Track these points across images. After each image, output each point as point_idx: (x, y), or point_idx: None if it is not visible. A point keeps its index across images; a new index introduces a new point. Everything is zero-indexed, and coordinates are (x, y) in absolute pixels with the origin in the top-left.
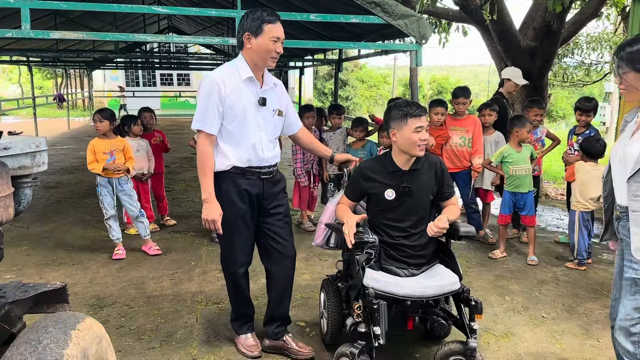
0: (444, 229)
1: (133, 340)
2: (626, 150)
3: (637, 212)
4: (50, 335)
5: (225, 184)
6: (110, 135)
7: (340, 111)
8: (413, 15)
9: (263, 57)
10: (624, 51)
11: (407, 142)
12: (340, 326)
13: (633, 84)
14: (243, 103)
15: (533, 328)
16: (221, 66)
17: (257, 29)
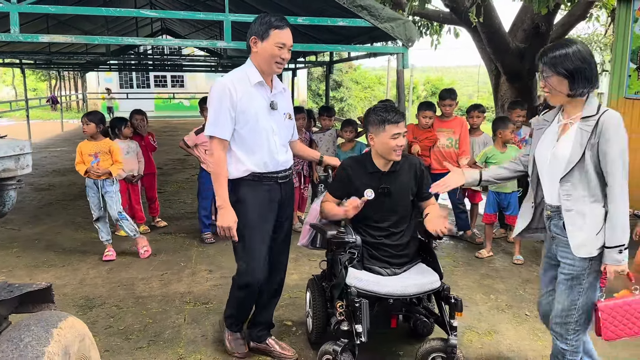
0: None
1: (121, 340)
2: (556, 152)
3: (571, 211)
4: (32, 333)
5: (243, 190)
6: (97, 137)
7: (331, 113)
8: (399, 19)
9: (268, 62)
10: (547, 56)
11: (384, 147)
12: (325, 325)
13: (556, 87)
14: (255, 108)
15: (516, 326)
16: (231, 72)
17: (264, 33)
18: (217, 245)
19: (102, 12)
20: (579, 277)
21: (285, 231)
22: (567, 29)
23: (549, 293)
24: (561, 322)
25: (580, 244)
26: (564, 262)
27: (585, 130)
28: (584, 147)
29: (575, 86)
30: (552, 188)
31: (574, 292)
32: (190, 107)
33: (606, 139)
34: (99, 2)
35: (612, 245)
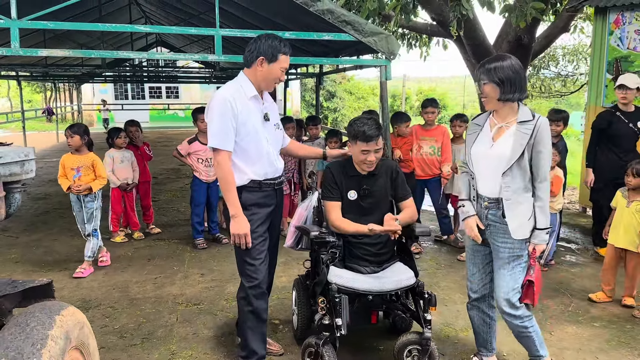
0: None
1: (116, 338)
2: (496, 150)
3: (509, 200)
4: (37, 318)
5: (245, 197)
6: (81, 150)
7: (316, 122)
8: (382, 33)
9: (268, 82)
10: (484, 67)
11: (356, 158)
12: (310, 321)
13: (490, 94)
14: (253, 120)
15: None
16: (226, 86)
17: (273, 56)
18: (209, 250)
19: (98, 28)
20: (521, 257)
21: (276, 234)
22: (550, 41)
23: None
24: (509, 303)
25: (517, 227)
26: (504, 247)
27: (524, 132)
28: (524, 146)
29: (505, 92)
30: (493, 182)
31: (516, 270)
32: (185, 118)
33: (541, 140)
34: (95, 17)
35: (543, 227)
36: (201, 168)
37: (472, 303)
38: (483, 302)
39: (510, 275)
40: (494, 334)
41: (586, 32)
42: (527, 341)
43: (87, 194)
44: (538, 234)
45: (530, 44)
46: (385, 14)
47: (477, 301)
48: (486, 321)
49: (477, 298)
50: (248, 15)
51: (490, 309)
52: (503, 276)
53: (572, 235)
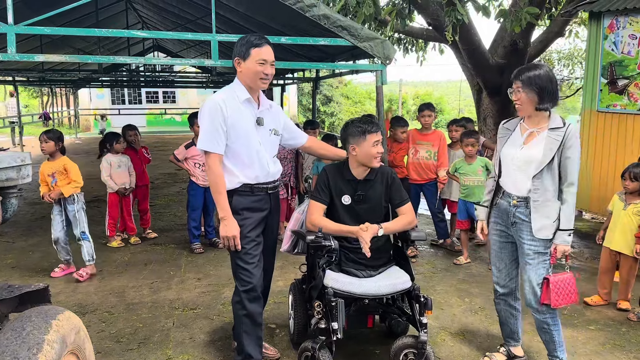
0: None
1: (112, 342)
2: (526, 154)
3: (537, 201)
4: (33, 323)
5: (236, 201)
6: (55, 156)
7: (314, 126)
8: (377, 38)
9: (253, 79)
10: (523, 74)
11: (367, 155)
12: (306, 325)
13: (527, 102)
14: (244, 123)
15: (487, 327)
16: (220, 91)
17: (245, 53)
18: (205, 255)
19: (95, 33)
20: (543, 255)
21: (273, 238)
22: (545, 45)
23: (509, 269)
24: (535, 294)
25: (540, 228)
26: (528, 244)
27: (555, 139)
28: (554, 152)
29: (542, 101)
30: (521, 182)
31: (540, 268)
32: (181, 123)
33: (570, 146)
34: (92, 22)
35: (566, 228)
36: (198, 173)
37: (499, 298)
38: (510, 295)
39: (535, 270)
40: (519, 324)
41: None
42: (547, 337)
43: (67, 197)
44: (560, 235)
45: (525, 49)
46: (381, 19)
47: (504, 295)
48: (513, 313)
49: (504, 292)
50: (244, 20)
51: (516, 301)
52: (529, 271)
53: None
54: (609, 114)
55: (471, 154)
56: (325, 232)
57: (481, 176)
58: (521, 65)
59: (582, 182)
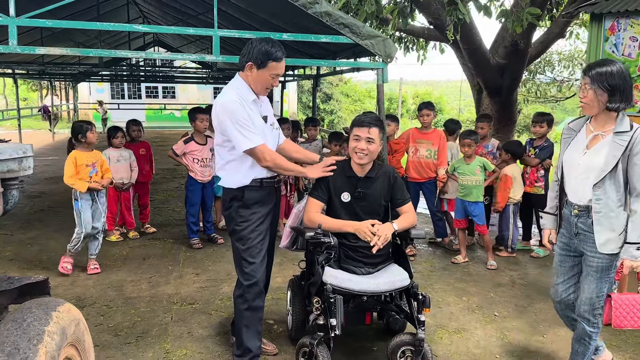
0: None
1: (111, 336)
2: (588, 160)
3: (599, 213)
4: (34, 314)
5: (247, 195)
6: (92, 147)
7: (316, 123)
8: (379, 36)
9: (259, 87)
10: (593, 71)
11: (349, 148)
12: (304, 321)
13: (595, 100)
14: (255, 122)
15: (484, 325)
16: (227, 91)
17: (262, 63)
18: (204, 250)
19: (97, 26)
20: (607, 270)
21: (273, 233)
22: (546, 46)
23: (567, 281)
24: (590, 309)
25: (605, 242)
26: (592, 256)
27: (619, 143)
28: (618, 158)
29: (613, 100)
30: (582, 190)
31: (602, 282)
32: (181, 118)
33: (638, 152)
34: (93, 15)
35: (633, 241)
36: (196, 168)
37: (556, 307)
38: (567, 308)
39: (597, 285)
40: None
41: (582, 38)
42: (581, 349)
43: (99, 190)
44: (627, 249)
45: (526, 49)
46: (383, 17)
47: (559, 304)
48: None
49: (559, 301)
50: (246, 16)
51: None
52: (590, 284)
53: None
54: None
55: (469, 154)
56: (325, 228)
57: (479, 176)
58: (521, 66)
59: None
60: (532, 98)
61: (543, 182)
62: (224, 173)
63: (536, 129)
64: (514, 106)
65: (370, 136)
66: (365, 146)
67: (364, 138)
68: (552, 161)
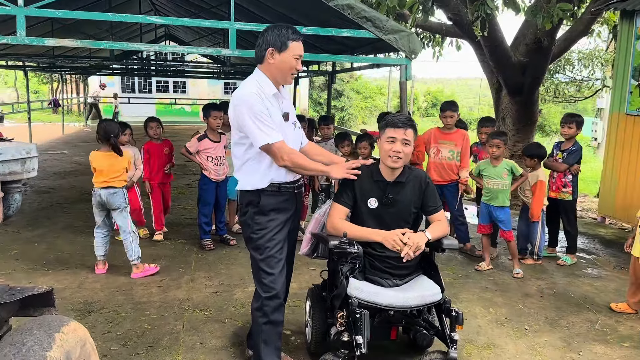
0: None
1: (119, 345)
2: None
3: None
4: (35, 337)
5: (264, 201)
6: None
7: (328, 121)
8: (403, 31)
9: (284, 74)
10: None
11: (381, 150)
12: (325, 335)
13: None
14: (275, 119)
15: (515, 340)
16: (245, 85)
17: (282, 45)
18: (216, 252)
19: (108, 18)
20: None
21: (293, 240)
22: (569, 44)
23: None
24: None
25: None
26: None
27: None
28: None
29: None
30: None
31: None
32: (191, 113)
33: None
34: (105, 7)
35: None
36: (210, 166)
37: None
38: None
39: None
40: None
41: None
42: None
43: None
44: None
45: (550, 47)
46: (400, 13)
47: None
48: None
49: None
50: (263, 10)
51: None
52: None
53: (591, 247)
54: (639, 118)
55: (496, 156)
56: (350, 237)
57: (506, 180)
58: (544, 64)
59: (607, 188)
60: (549, 97)
61: (571, 187)
62: (240, 175)
63: (565, 130)
64: (534, 106)
65: (406, 138)
66: (401, 148)
67: (399, 140)
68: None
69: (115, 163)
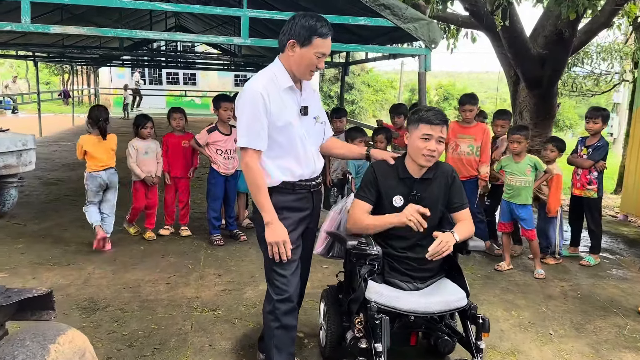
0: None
1: (125, 347)
2: None
3: None
4: (27, 349)
5: (275, 200)
6: None
7: (340, 114)
8: (423, 19)
9: (302, 70)
10: None
11: (413, 147)
12: (340, 339)
13: None
14: (287, 115)
15: (540, 346)
16: (258, 75)
17: (306, 39)
18: (226, 248)
19: (117, 4)
20: None
21: (311, 239)
22: (590, 36)
23: None
24: None
25: None
26: None
27: None
28: None
29: None
30: None
31: None
32: (201, 105)
33: None
34: None
35: None
36: (220, 160)
37: None
38: None
39: None
40: None
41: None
42: None
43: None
44: None
45: (571, 39)
46: (415, 3)
47: None
48: None
49: None
50: None
51: None
52: None
53: (615, 246)
54: None
55: (518, 151)
56: (373, 230)
57: (529, 176)
58: (564, 57)
59: (630, 185)
60: (565, 91)
61: (596, 184)
62: None
63: (590, 125)
64: (553, 99)
65: (442, 135)
66: (435, 147)
67: (435, 137)
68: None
69: (105, 145)
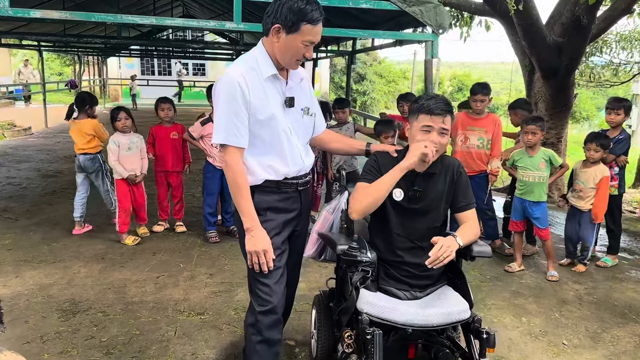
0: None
1: (101, 354)
2: None
3: None
4: None
5: (257, 200)
6: None
7: (344, 105)
8: (430, 2)
9: (287, 58)
10: None
11: (413, 141)
12: (332, 351)
13: None
14: (269, 106)
15: (552, 357)
16: (237, 61)
17: (293, 24)
18: (221, 245)
19: None
20: None
21: (300, 244)
22: (609, 24)
23: None
24: None
25: None
26: None
27: None
28: None
29: None
30: None
31: None
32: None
33: None
34: None
35: None
36: (215, 153)
37: None
38: None
39: None
40: None
41: None
42: None
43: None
44: None
45: (589, 26)
46: None
47: None
48: None
49: None
50: None
51: None
52: None
53: (633, 245)
54: None
55: (532, 144)
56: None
57: (544, 171)
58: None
59: None
60: (583, 82)
61: (617, 180)
62: None
63: (611, 117)
64: (570, 90)
65: (444, 127)
66: (437, 139)
67: (437, 129)
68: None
69: (81, 129)
